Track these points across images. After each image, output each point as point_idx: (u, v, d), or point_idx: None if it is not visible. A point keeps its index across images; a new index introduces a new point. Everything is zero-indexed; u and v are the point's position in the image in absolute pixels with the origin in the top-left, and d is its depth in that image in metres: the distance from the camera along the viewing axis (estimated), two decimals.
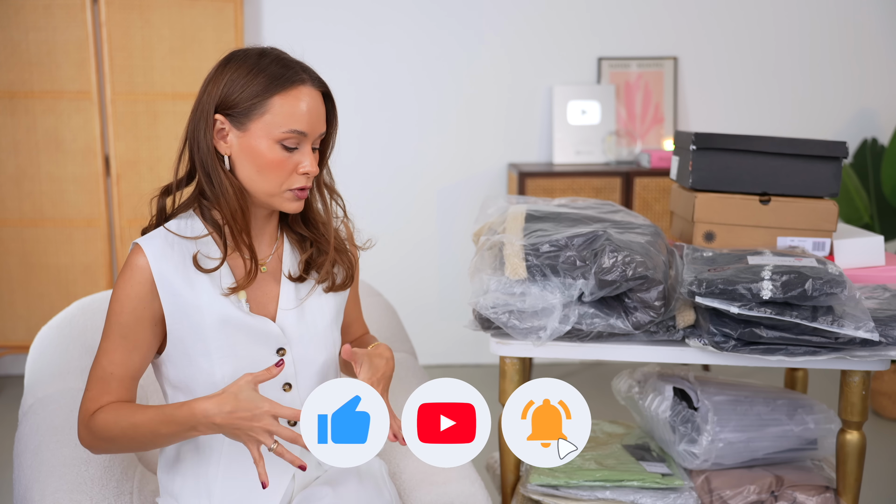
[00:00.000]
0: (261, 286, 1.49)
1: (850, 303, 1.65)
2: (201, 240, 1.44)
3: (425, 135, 3.85)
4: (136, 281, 1.40)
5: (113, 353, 1.40)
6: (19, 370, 3.79)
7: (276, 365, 1.30)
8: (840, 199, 3.50)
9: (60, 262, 3.51)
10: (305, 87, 1.41)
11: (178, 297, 1.40)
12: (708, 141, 1.94)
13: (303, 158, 1.41)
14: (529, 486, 1.84)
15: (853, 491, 1.79)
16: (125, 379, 1.41)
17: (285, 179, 1.41)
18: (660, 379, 1.97)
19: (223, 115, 1.40)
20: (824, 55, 3.91)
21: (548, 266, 1.71)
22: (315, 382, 1.51)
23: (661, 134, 3.86)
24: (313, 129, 1.41)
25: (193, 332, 1.42)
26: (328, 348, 1.53)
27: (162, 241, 1.42)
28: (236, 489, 1.48)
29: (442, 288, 3.96)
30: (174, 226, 1.45)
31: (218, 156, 1.42)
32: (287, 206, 1.44)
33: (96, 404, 1.40)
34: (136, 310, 1.39)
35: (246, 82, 1.39)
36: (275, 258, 1.52)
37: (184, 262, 1.42)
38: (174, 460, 1.51)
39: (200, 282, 1.42)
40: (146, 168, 3.50)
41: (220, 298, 1.42)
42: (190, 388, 1.45)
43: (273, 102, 1.38)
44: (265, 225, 1.51)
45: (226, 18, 3.54)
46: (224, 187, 1.42)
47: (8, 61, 3.39)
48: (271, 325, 1.46)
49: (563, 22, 3.82)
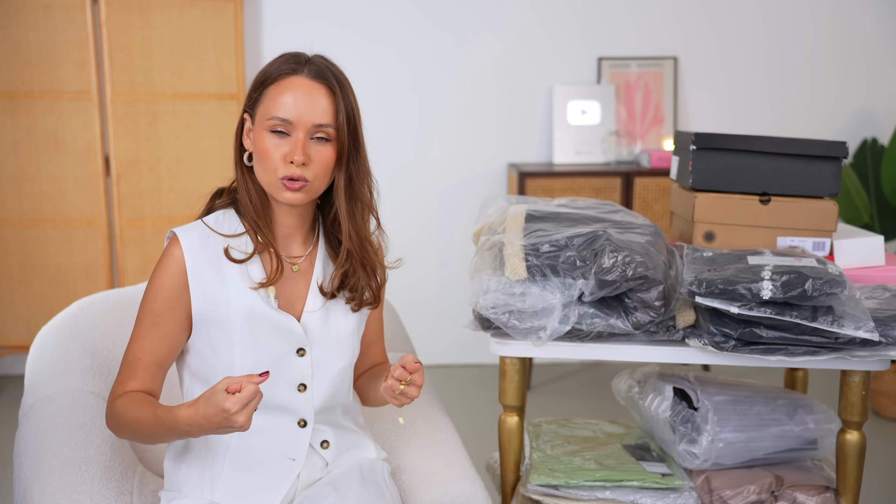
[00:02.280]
0: (290, 285, 1.51)
1: (850, 303, 1.65)
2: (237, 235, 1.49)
3: (425, 135, 3.85)
4: (171, 272, 1.45)
5: (143, 339, 1.45)
6: (19, 370, 3.79)
7: (259, 374, 1.30)
8: (840, 199, 3.50)
9: (60, 262, 3.51)
10: (297, 77, 1.43)
11: (207, 287, 1.44)
12: (708, 141, 1.94)
13: (290, 145, 1.43)
14: (529, 486, 1.84)
15: (853, 491, 1.79)
16: (151, 366, 1.45)
17: (277, 167, 1.43)
18: (660, 379, 1.97)
19: (247, 112, 1.48)
20: (824, 55, 3.91)
21: (548, 266, 1.71)
22: (330, 386, 1.53)
23: (661, 134, 3.86)
24: (300, 118, 1.42)
25: (219, 323, 1.45)
26: (347, 355, 1.55)
27: (198, 233, 1.47)
28: (240, 485, 1.49)
29: (442, 288, 3.96)
30: (212, 220, 1.50)
31: (242, 151, 1.50)
32: (281, 195, 1.45)
33: (121, 389, 1.44)
34: (168, 300, 1.44)
35: (260, 77, 1.46)
36: (307, 261, 1.54)
37: (217, 255, 1.46)
38: (182, 450, 1.53)
39: (231, 275, 1.46)
40: (146, 168, 3.50)
41: (249, 292, 1.46)
42: (208, 379, 1.48)
43: (267, 92, 1.44)
44: (297, 224, 1.52)
45: (226, 18, 3.54)
46: (240, 181, 1.50)
47: (8, 61, 3.39)
48: (295, 324, 1.49)
49: (563, 22, 3.82)
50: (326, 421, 1.56)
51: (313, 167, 1.44)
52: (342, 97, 1.45)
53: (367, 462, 1.60)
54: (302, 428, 1.51)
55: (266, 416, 1.48)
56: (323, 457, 1.56)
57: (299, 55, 1.47)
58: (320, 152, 1.44)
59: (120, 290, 1.96)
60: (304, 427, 1.51)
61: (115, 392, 1.45)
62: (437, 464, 1.70)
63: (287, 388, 1.49)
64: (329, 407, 1.55)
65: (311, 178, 1.44)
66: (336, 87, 1.45)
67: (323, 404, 1.53)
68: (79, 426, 1.62)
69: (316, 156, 1.44)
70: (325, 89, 1.44)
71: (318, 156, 1.44)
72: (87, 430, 1.62)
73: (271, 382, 1.47)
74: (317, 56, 1.48)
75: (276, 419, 1.50)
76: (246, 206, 1.49)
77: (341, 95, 1.45)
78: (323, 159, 1.44)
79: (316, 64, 1.45)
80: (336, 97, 1.45)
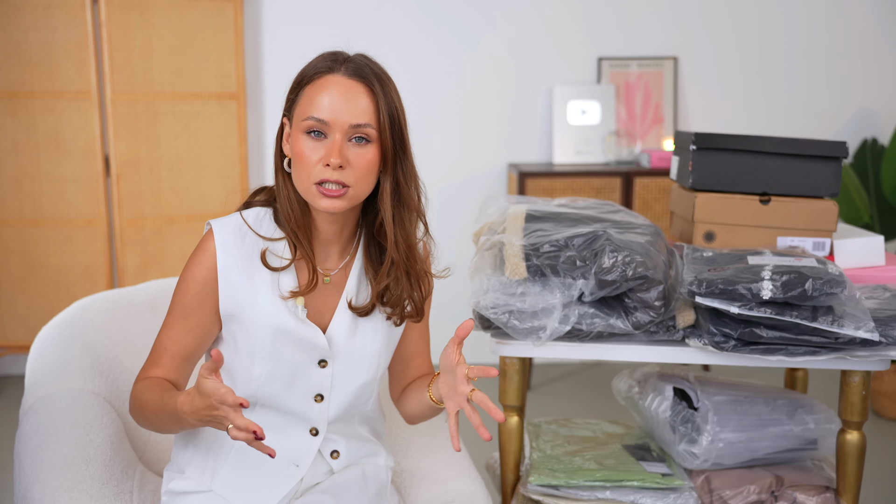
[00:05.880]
0: (321, 295, 1.46)
1: (850, 303, 1.65)
2: (276, 239, 1.43)
3: (425, 135, 3.84)
4: (203, 266, 1.41)
5: (171, 329, 1.42)
6: (19, 370, 3.79)
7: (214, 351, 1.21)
8: (840, 199, 3.50)
9: (60, 262, 3.51)
10: (334, 76, 1.37)
11: (236, 290, 1.40)
12: (708, 141, 1.94)
13: (325, 148, 1.35)
14: (529, 485, 1.84)
15: (853, 491, 1.79)
16: (176, 357, 1.42)
17: (311, 171, 1.35)
18: (660, 379, 1.97)
19: (286, 115, 1.42)
20: (824, 55, 3.91)
21: (548, 266, 1.71)
22: (349, 399, 1.49)
23: (661, 134, 3.86)
24: (336, 118, 1.34)
25: (243, 328, 1.42)
26: (371, 371, 1.49)
27: (235, 230, 1.42)
28: (239, 479, 1.48)
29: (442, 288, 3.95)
30: (251, 216, 1.44)
31: (281, 156, 1.43)
32: (318, 203, 1.36)
33: (144, 374, 1.42)
34: (199, 294, 1.41)
35: (298, 78, 1.40)
36: (341, 273, 1.48)
37: (250, 258, 1.41)
38: (191, 434, 1.52)
39: (262, 280, 1.41)
40: (146, 168, 3.50)
41: (278, 301, 1.41)
42: (230, 372, 1.45)
43: (303, 93, 1.38)
44: (337, 232, 1.45)
45: (226, 18, 3.54)
46: (279, 187, 1.43)
47: (8, 61, 3.39)
48: (320, 336, 1.44)
49: (563, 22, 3.82)
50: (340, 431, 1.53)
51: (353, 171, 1.35)
52: (383, 95, 1.37)
53: (371, 468, 1.57)
54: (313, 436, 1.49)
55: (278, 419, 1.47)
56: (331, 466, 1.53)
57: (338, 53, 1.40)
58: (360, 155, 1.36)
59: (120, 290, 1.96)
60: (315, 436, 1.49)
61: (139, 377, 1.43)
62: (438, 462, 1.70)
63: (304, 398, 1.46)
64: (345, 417, 1.52)
65: (352, 184, 1.35)
66: (376, 85, 1.37)
67: (338, 415, 1.49)
68: (79, 425, 1.62)
69: (355, 159, 1.35)
70: (363, 87, 1.36)
71: (357, 159, 1.36)
72: (88, 429, 1.62)
73: (289, 391, 1.45)
74: (357, 54, 1.40)
75: (288, 424, 1.47)
76: (286, 215, 1.41)
77: (382, 94, 1.37)
78: (363, 162, 1.36)
79: (355, 62, 1.38)
80: (376, 96, 1.36)
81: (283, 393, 1.45)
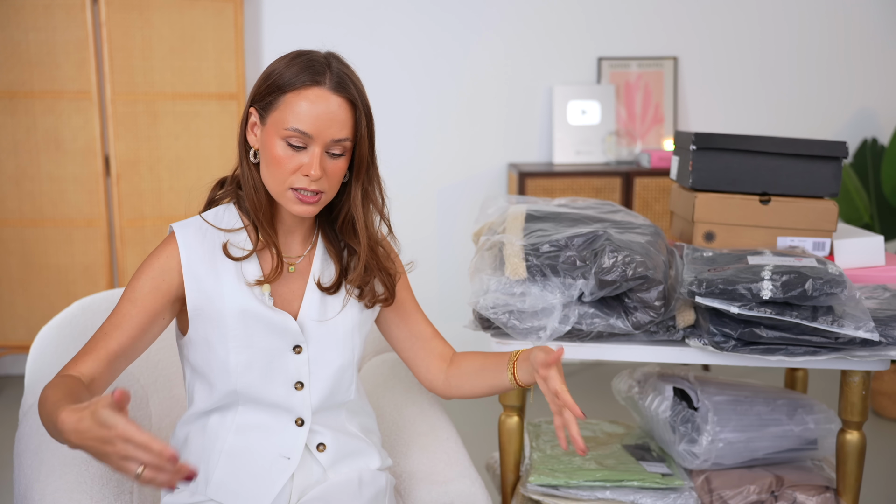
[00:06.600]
0: (287, 283, 1.50)
1: (850, 303, 1.65)
2: (235, 230, 1.47)
3: (425, 135, 3.85)
4: (164, 255, 1.44)
5: (115, 315, 1.40)
6: (19, 370, 3.79)
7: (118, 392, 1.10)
8: (840, 199, 3.50)
9: (60, 262, 3.51)
10: (319, 90, 1.39)
11: (202, 282, 1.43)
12: (708, 141, 1.94)
13: (307, 159, 1.40)
14: (529, 485, 1.84)
15: (853, 491, 1.79)
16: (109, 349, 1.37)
17: (287, 177, 1.40)
18: (660, 379, 1.97)
19: (256, 108, 1.44)
20: (824, 55, 3.91)
21: (548, 266, 1.71)
22: (328, 384, 1.51)
23: (661, 134, 3.86)
24: (320, 132, 1.39)
25: (213, 319, 1.44)
26: (346, 353, 1.53)
27: (195, 229, 1.46)
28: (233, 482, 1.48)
29: (442, 288, 3.96)
30: (211, 215, 1.49)
31: (247, 147, 1.47)
32: (292, 207, 1.43)
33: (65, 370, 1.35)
34: (154, 279, 1.42)
35: (275, 78, 1.41)
36: (305, 260, 1.53)
37: (213, 251, 1.45)
38: (181, 445, 1.52)
39: (226, 271, 1.45)
40: (146, 168, 3.50)
41: (244, 289, 1.45)
42: (206, 374, 1.47)
43: (286, 99, 1.40)
44: (297, 225, 1.51)
45: (226, 18, 3.54)
46: (246, 178, 1.47)
47: (8, 61, 3.39)
48: (291, 321, 1.47)
49: (563, 22, 3.82)
50: (326, 423, 1.53)
51: (327, 179, 1.42)
52: (362, 108, 1.42)
53: (368, 474, 1.56)
54: (299, 427, 1.50)
55: (263, 415, 1.48)
56: (319, 461, 1.52)
57: (316, 61, 1.41)
58: (335, 164, 1.42)
59: (120, 290, 1.96)
60: (301, 426, 1.50)
61: (59, 371, 1.34)
62: (438, 463, 1.70)
63: (283, 386, 1.48)
64: (329, 407, 1.53)
65: (326, 190, 1.42)
66: (357, 99, 1.42)
67: (321, 403, 1.51)
68: None
69: (331, 168, 1.42)
70: (346, 103, 1.41)
71: (332, 168, 1.42)
72: None
73: (268, 380, 1.46)
74: (334, 60, 1.43)
75: (273, 417, 1.49)
76: (251, 202, 1.46)
77: (361, 106, 1.42)
78: (337, 171, 1.43)
79: (336, 73, 1.40)
80: (357, 109, 1.42)
81: (262, 382, 1.46)
